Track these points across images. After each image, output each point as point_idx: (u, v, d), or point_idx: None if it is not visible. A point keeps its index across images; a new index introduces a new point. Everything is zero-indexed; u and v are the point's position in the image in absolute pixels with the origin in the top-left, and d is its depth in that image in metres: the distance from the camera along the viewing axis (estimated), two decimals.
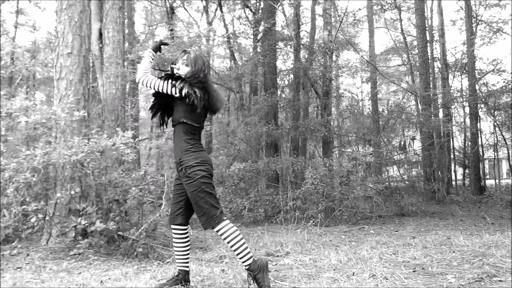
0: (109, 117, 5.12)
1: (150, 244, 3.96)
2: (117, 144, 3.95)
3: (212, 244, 4.71)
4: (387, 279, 2.84)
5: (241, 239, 2.51)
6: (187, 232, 2.65)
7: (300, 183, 7.89)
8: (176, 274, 2.70)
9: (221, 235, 2.49)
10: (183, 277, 2.66)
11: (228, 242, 2.49)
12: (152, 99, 2.68)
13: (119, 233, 3.98)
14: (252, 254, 2.56)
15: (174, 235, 2.64)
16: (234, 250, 2.51)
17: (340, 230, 6.20)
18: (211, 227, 2.48)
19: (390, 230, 6.14)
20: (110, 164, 4.16)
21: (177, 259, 2.68)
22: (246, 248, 2.53)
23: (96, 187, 4.01)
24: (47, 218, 3.96)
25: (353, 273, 3.00)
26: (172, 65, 2.62)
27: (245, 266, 2.54)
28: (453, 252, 3.79)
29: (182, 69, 2.55)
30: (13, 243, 3.86)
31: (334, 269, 3.19)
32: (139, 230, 3.95)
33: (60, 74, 4.20)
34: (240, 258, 2.53)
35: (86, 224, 3.70)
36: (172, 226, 2.63)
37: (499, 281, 2.75)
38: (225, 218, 2.52)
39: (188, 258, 2.70)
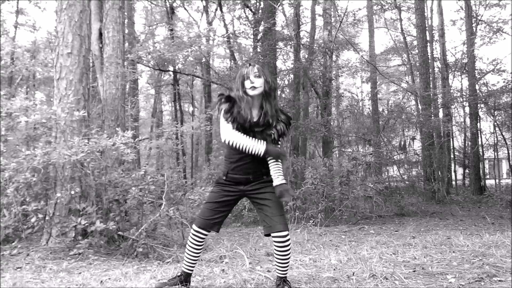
0: (109, 117, 5.12)
1: (150, 244, 3.96)
2: (117, 144, 3.95)
3: (212, 244, 4.71)
4: (387, 279, 2.84)
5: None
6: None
7: (300, 183, 7.88)
8: (178, 274, 2.70)
9: (287, 241, 2.44)
10: (185, 278, 2.66)
11: (287, 250, 2.46)
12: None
13: (119, 233, 3.98)
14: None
15: (197, 239, 2.55)
16: (285, 259, 2.48)
17: (340, 230, 6.20)
18: (287, 230, 2.45)
19: (390, 230, 6.14)
20: (110, 164, 4.16)
21: (187, 261, 2.64)
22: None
23: (96, 187, 4.01)
24: (47, 218, 3.96)
25: (353, 273, 3.00)
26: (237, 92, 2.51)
27: (283, 276, 2.55)
28: (453, 252, 3.79)
29: (256, 82, 2.46)
30: (13, 243, 3.86)
31: (334, 269, 3.19)
32: (139, 230, 3.95)
33: (60, 74, 4.20)
34: (284, 269, 2.54)
35: (86, 224, 3.70)
36: (203, 231, 2.55)
37: (499, 281, 2.75)
38: None
39: (197, 262, 2.69)
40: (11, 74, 15.04)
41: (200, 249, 2.61)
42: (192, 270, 2.68)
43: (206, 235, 2.57)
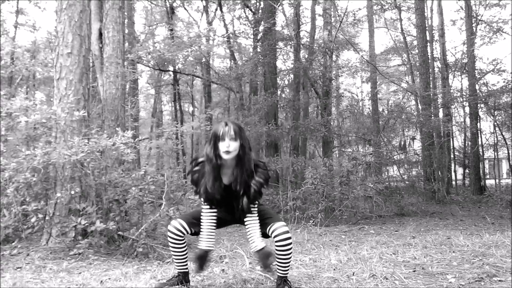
0: (109, 117, 5.12)
1: (150, 244, 3.96)
2: (117, 144, 3.95)
3: None
4: (387, 279, 2.84)
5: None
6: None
7: (300, 183, 7.88)
8: (175, 274, 2.69)
9: (288, 239, 2.45)
10: (183, 277, 2.65)
11: (288, 250, 2.47)
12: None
13: (119, 233, 3.98)
14: None
15: (176, 239, 2.47)
16: (287, 259, 2.48)
17: (340, 230, 6.20)
18: (288, 230, 2.48)
19: (390, 230, 6.14)
20: (110, 164, 4.16)
21: (176, 261, 2.62)
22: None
23: (96, 187, 4.01)
24: (47, 218, 3.96)
25: (353, 273, 3.00)
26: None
27: (284, 275, 2.54)
28: (453, 252, 3.79)
29: (231, 145, 2.31)
30: (13, 243, 3.86)
31: (334, 269, 3.19)
32: (139, 230, 3.95)
33: (60, 74, 4.20)
34: (285, 269, 2.52)
35: (86, 224, 3.70)
36: (180, 231, 2.45)
37: (499, 281, 2.75)
38: None
39: (186, 259, 2.66)
40: (11, 74, 15.05)
41: (183, 248, 2.53)
42: (186, 269, 2.65)
43: (184, 234, 2.48)
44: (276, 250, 2.45)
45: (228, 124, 2.35)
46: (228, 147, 2.30)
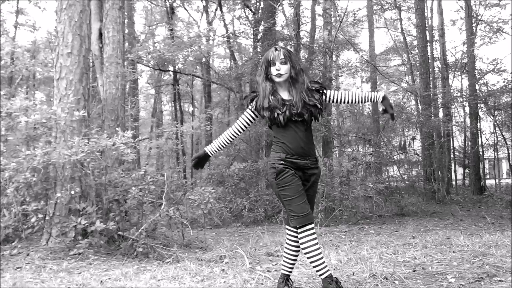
0: (109, 117, 5.12)
1: (150, 244, 3.96)
2: (117, 144, 3.95)
3: (212, 244, 4.71)
4: (387, 279, 2.84)
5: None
6: None
7: None
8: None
9: (309, 235, 2.39)
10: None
11: (297, 247, 2.51)
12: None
13: (119, 233, 3.98)
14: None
15: (308, 236, 2.30)
16: (293, 255, 2.55)
17: (340, 230, 6.21)
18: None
19: (390, 230, 6.14)
20: (110, 164, 4.16)
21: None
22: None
23: (96, 187, 4.01)
24: (47, 218, 3.96)
25: (353, 273, 3.01)
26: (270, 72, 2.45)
27: (288, 273, 2.57)
28: (453, 252, 3.79)
29: (282, 68, 2.40)
30: (13, 243, 3.86)
31: (334, 269, 3.19)
32: (139, 230, 3.95)
33: (60, 74, 4.20)
34: (289, 266, 2.57)
35: (86, 224, 3.70)
36: (308, 227, 2.30)
37: (499, 281, 2.75)
38: None
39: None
40: (11, 74, 15.05)
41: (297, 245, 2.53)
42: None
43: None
44: (286, 244, 2.54)
45: (278, 49, 2.43)
46: (279, 70, 2.40)
